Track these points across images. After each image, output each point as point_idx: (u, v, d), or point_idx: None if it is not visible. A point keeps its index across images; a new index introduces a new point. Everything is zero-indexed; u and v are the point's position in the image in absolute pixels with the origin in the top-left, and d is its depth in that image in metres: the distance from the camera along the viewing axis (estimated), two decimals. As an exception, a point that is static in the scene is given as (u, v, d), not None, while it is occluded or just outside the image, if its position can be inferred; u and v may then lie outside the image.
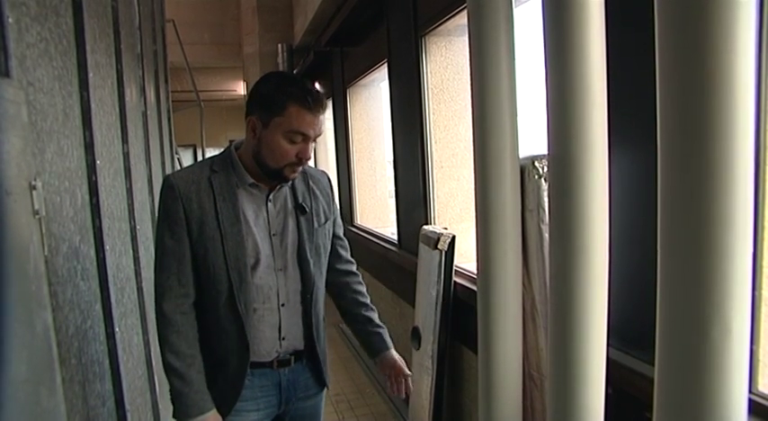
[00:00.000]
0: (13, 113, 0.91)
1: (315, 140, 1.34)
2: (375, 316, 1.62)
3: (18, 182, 0.91)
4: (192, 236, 1.32)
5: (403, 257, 3.32)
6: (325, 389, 1.58)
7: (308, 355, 1.47)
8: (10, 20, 0.98)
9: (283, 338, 1.41)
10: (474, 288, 2.17)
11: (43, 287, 0.99)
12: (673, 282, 1.00)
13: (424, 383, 2.65)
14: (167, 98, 5.17)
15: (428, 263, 2.64)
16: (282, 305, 1.39)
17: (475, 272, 1.90)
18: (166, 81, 5.11)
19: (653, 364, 1.07)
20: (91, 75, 1.61)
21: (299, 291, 1.42)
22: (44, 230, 1.06)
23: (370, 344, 1.60)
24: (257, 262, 1.36)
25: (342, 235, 1.60)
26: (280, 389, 1.43)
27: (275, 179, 1.37)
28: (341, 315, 1.66)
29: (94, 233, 1.55)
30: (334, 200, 1.54)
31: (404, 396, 1.62)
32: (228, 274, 1.32)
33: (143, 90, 3.06)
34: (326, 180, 1.54)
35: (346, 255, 1.63)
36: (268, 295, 1.37)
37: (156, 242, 1.37)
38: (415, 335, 2.76)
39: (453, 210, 3.00)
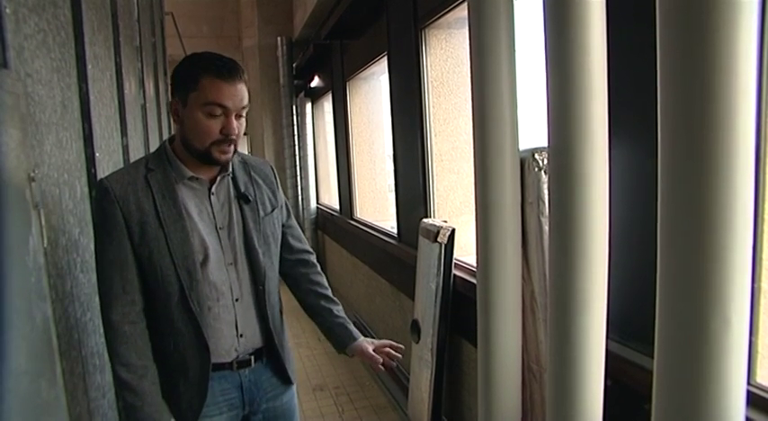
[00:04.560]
0: (12, 104, 0.91)
1: (240, 115, 1.27)
2: (337, 307, 1.56)
3: (17, 173, 0.91)
4: (134, 239, 1.26)
5: (402, 250, 3.32)
6: (294, 385, 1.53)
7: (268, 353, 1.43)
8: (7, 10, 0.97)
9: (241, 335, 1.36)
10: (474, 281, 2.17)
11: (43, 279, 0.99)
12: (672, 274, 1.01)
13: (423, 376, 2.66)
14: (167, 91, 5.16)
15: (428, 256, 2.64)
16: (237, 300, 1.35)
17: (474, 265, 1.90)
18: (165, 74, 5.09)
19: (652, 356, 1.07)
20: (89, 67, 1.60)
21: (252, 283, 1.38)
22: (43, 222, 1.06)
23: (334, 336, 1.54)
24: (206, 257, 1.31)
25: (293, 223, 1.56)
26: (242, 390, 1.39)
27: (207, 163, 1.31)
28: (303, 309, 1.60)
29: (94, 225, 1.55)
30: (279, 188, 1.50)
31: (394, 363, 1.52)
32: (177, 274, 1.27)
33: (142, 83, 3.05)
34: (269, 168, 1.50)
35: (299, 244, 1.58)
36: (222, 291, 1.33)
37: (96, 251, 1.30)
38: (415, 328, 2.76)
39: (453, 203, 3.00)
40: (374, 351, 1.50)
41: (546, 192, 1.65)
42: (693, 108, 0.94)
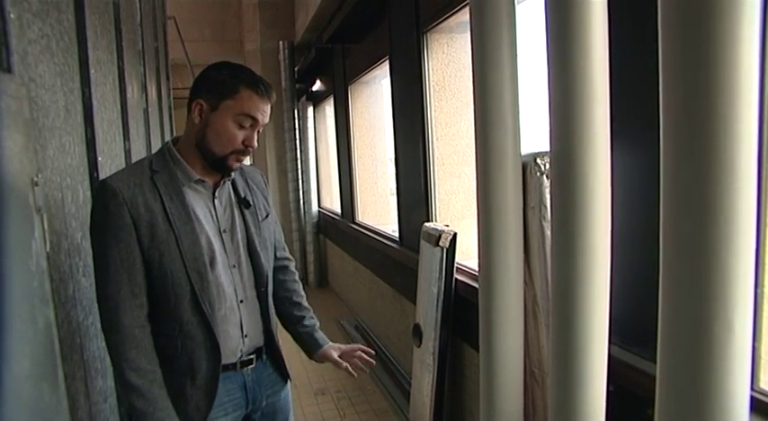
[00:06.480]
0: (15, 109, 0.91)
1: (260, 130, 1.33)
2: (308, 315, 1.62)
3: (20, 178, 0.91)
4: (144, 241, 1.25)
5: (404, 254, 3.32)
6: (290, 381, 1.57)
7: (268, 351, 1.46)
8: (12, 16, 0.98)
9: (246, 336, 1.39)
10: (475, 285, 2.17)
11: (45, 283, 0.99)
12: (675, 279, 1.00)
13: (425, 380, 2.66)
14: (169, 95, 5.17)
15: (429, 260, 2.64)
16: (241, 302, 1.38)
17: (476, 269, 1.90)
18: (168, 78, 5.11)
19: (655, 361, 1.07)
20: (92, 71, 1.61)
21: (254, 285, 1.41)
22: (46, 227, 1.06)
23: (303, 344, 1.60)
24: (213, 260, 1.32)
25: (278, 229, 1.60)
26: (245, 389, 1.41)
27: (218, 168, 1.33)
28: (276, 315, 1.62)
29: (96, 230, 1.55)
30: (269, 195, 1.55)
31: (366, 369, 1.59)
32: (188, 276, 1.27)
33: (144, 87, 3.06)
34: (260, 176, 1.54)
35: (282, 252, 1.62)
36: (228, 293, 1.35)
37: (97, 253, 1.28)
38: (417, 332, 2.76)
39: (455, 207, 3.00)
40: (340, 356, 1.57)
41: (548, 196, 1.65)
42: (696, 111, 0.94)
